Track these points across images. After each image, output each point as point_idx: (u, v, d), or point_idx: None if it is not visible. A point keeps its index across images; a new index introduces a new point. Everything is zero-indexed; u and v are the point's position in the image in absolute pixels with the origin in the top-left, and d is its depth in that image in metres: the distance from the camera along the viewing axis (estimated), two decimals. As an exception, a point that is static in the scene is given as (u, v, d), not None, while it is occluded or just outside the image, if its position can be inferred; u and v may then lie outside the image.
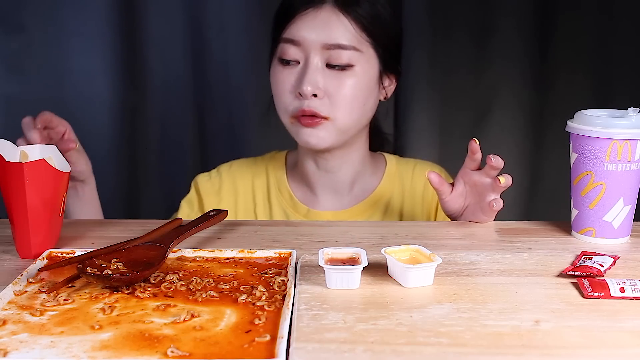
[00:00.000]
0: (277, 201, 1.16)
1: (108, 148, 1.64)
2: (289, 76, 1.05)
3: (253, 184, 1.18)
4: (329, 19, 1.03)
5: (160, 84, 1.62)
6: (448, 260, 0.80)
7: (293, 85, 1.04)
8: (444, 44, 1.64)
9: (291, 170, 1.19)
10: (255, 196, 1.17)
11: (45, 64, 1.59)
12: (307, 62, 1.03)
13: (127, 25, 1.59)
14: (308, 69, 1.03)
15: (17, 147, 0.86)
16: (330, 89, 1.03)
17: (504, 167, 0.97)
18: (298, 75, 1.04)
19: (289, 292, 0.69)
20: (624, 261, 0.81)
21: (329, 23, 1.03)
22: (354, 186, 1.16)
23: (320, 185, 1.15)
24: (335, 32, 1.03)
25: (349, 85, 1.04)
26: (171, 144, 1.67)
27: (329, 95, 1.03)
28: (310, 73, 1.03)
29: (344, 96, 1.04)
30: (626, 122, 0.85)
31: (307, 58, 1.03)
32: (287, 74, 1.05)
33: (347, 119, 1.06)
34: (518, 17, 1.63)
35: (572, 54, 1.63)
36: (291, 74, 1.05)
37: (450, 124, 1.69)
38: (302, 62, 1.04)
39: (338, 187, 1.15)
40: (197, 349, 0.58)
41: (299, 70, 1.04)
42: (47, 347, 0.59)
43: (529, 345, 0.59)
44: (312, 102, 1.03)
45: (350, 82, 1.04)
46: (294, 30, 1.03)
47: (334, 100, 1.04)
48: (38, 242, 0.83)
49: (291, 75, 1.05)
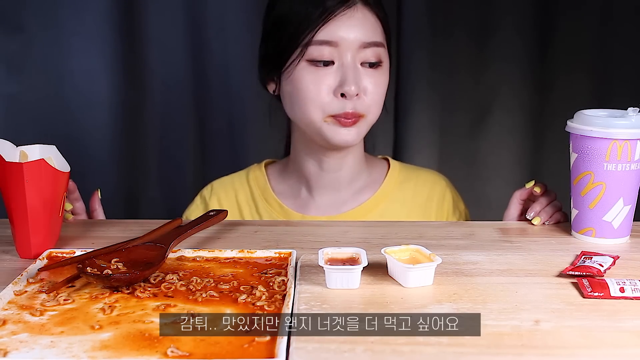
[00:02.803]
0: (266, 212, 1.15)
1: (108, 148, 1.64)
2: (325, 77, 1.03)
3: (237, 200, 1.17)
4: (364, 18, 1.03)
5: (160, 84, 1.62)
6: (448, 260, 0.80)
7: (332, 86, 1.03)
8: (444, 44, 1.64)
9: (277, 180, 1.18)
10: (242, 210, 1.17)
11: (45, 64, 1.59)
12: (344, 62, 1.02)
13: (127, 25, 1.59)
14: (349, 69, 1.02)
15: (17, 147, 0.86)
16: (368, 87, 1.04)
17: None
18: (338, 75, 1.02)
19: (289, 292, 0.69)
20: (624, 261, 0.81)
21: (364, 22, 1.03)
22: (352, 185, 1.15)
23: (320, 186, 1.14)
24: (370, 31, 1.04)
25: (382, 82, 1.06)
26: (171, 144, 1.67)
27: (366, 93, 1.04)
28: (353, 73, 1.02)
29: (378, 93, 1.05)
30: (626, 122, 0.85)
31: (344, 58, 1.02)
32: (322, 74, 1.03)
33: (377, 113, 1.08)
34: (518, 17, 1.63)
35: (572, 54, 1.63)
36: (327, 74, 1.03)
37: (450, 124, 1.69)
38: (338, 62, 1.03)
39: (338, 186, 1.14)
40: (197, 349, 0.58)
41: (335, 71, 1.03)
42: (47, 347, 0.59)
43: (529, 345, 0.59)
44: (354, 102, 1.03)
45: (382, 78, 1.06)
46: (331, 31, 1.01)
47: (370, 98, 1.04)
48: (38, 242, 0.83)
49: (328, 75, 1.03)
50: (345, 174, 1.14)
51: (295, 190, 1.16)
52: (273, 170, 1.20)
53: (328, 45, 1.02)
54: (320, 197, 1.15)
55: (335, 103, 1.03)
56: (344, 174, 1.14)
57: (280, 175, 1.18)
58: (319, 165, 1.13)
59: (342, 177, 1.14)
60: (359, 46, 1.03)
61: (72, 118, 1.62)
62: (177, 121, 1.65)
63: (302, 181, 1.15)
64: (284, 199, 1.16)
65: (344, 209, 1.14)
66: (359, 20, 1.03)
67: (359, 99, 1.03)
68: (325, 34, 1.02)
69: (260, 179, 1.18)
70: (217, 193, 1.19)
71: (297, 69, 1.04)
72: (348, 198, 1.15)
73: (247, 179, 1.19)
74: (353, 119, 1.04)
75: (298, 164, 1.15)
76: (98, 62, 1.60)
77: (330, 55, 1.02)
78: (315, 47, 1.02)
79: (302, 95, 1.04)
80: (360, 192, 1.16)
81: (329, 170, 1.13)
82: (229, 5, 1.60)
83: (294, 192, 1.16)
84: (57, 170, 0.83)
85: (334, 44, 1.02)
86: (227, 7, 1.60)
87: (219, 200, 1.18)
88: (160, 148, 1.66)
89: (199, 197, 1.21)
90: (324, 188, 1.14)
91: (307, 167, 1.14)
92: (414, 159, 1.65)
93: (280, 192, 1.16)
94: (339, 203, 1.15)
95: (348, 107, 1.02)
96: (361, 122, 1.05)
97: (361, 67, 1.04)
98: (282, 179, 1.18)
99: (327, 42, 1.02)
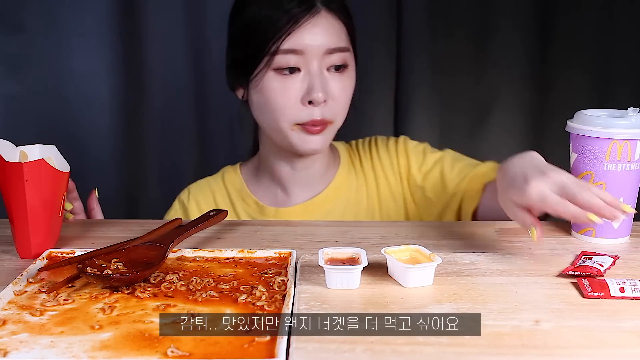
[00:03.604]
0: (244, 211, 1.16)
1: (108, 148, 1.64)
2: (292, 85, 1.03)
3: (215, 201, 1.18)
4: (328, 24, 1.03)
5: (160, 84, 1.62)
6: (448, 260, 0.80)
7: (299, 94, 1.03)
8: (444, 45, 1.64)
9: (251, 180, 1.19)
10: None
11: (46, 64, 1.59)
12: (311, 70, 1.02)
13: (127, 25, 1.59)
14: (316, 76, 1.02)
15: (17, 147, 0.86)
16: (334, 92, 1.04)
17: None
18: (306, 83, 1.02)
19: (289, 292, 0.69)
20: (624, 261, 0.81)
21: (329, 28, 1.03)
22: (324, 177, 1.16)
23: (293, 184, 1.15)
24: (335, 37, 1.04)
25: (348, 85, 1.06)
26: (171, 144, 1.67)
27: (333, 98, 1.04)
28: (320, 80, 1.02)
29: (345, 97, 1.06)
30: (626, 122, 0.85)
31: (310, 65, 1.02)
32: (289, 83, 1.03)
33: (343, 118, 1.08)
34: (518, 17, 1.63)
35: (572, 54, 1.63)
36: (294, 82, 1.03)
37: (451, 125, 1.69)
38: (305, 70, 1.03)
39: (311, 182, 1.15)
40: (197, 349, 0.58)
41: (302, 79, 1.03)
42: (47, 347, 0.59)
43: (529, 345, 0.59)
44: (321, 109, 1.03)
45: (349, 82, 1.06)
46: (297, 39, 1.01)
47: (336, 103, 1.04)
48: (38, 242, 0.83)
49: (295, 84, 1.03)
50: (317, 170, 1.15)
51: (270, 190, 1.17)
52: (247, 171, 1.20)
53: (294, 53, 1.02)
54: (296, 195, 1.15)
55: (303, 111, 1.03)
56: (316, 170, 1.15)
57: (254, 175, 1.19)
58: (290, 166, 1.14)
59: (315, 173, 1.15)
60: (324, 52, 1.02)
61: (72, 118, 1.62)
62: (177, 121, 1.65)
63: (275, 180, 1.16)
64: (260, 197, 1.17)
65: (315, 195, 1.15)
66: (323, 27, 1.03)
67: (326, 105, 1.03)
68: (291, 42, 1.01)
69: (236, 180, 1.19)
70: (195, 196, 1.19)
71: (265, 78, 1.04)
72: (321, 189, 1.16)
73: (222, 181, 1.20)
74: (321, 126, 1.04)
75: (269, 164, 1.15)
76: (98, 62, 1.60)
77: (296, 62, 1.02)
78: (281, 56, 1.02)
79: (270, 105, 1.04)
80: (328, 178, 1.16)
81: (301, 169, 1.14)
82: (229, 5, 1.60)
83: (270, 191, 1.17)
84: (57, 170, 0.83)
85: (300, 52, 1.02)
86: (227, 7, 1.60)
87: (197, 203, 1.19)
88: (160, 148, 1.66)
89: (177, 202, 1.21)
90: (298, 185, 1.15)
91: (278, 169, 1.14)
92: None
93: (256, 192, 1.17)
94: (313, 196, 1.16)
95: (316, 114, 1.03)
96: (328, 128, 1.06)
97: (327, 72, 1.04)
98: (257, 179, 1.19)
99: (293, 50, 1.02)
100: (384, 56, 1.65)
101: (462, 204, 1.09)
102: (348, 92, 1.06)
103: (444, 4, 1.62)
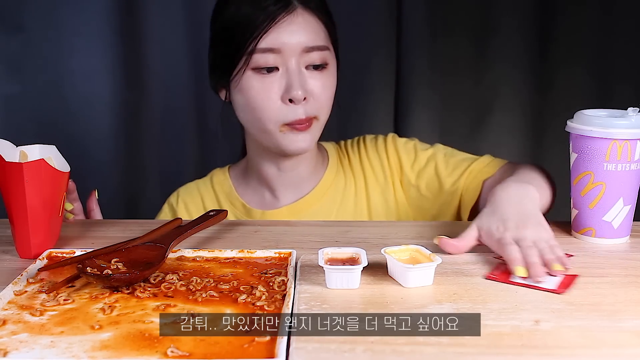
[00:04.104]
0: (232, 214, 1.16)
1: (108, 148, 1.64)
2: (271, 84, 1.02)
3: (204, 204, 1.19)
4: (305, 22, 1.03)
5: (160, 84, 1.62)
6: (448, 260, 0.80)
7: (279, 93, 1.03)
8: (444, 45, 1.64)
9: (240, 182, 1.19)
10: None
11: (45, 64, 1.59)
12: (288, 68, 1.02)
13: (127, 25, 1.59)
14: (294, 74, 1.02)
15: (17, 147, 0.86)
16: (314, 90, 1.04)
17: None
18: (284, 81, 1.02)
19: (289, 292, 0.69)
20: (624, 261, 0.81)
21: (305, 26, 1.03)
22: (311, 178, 1.16)
23: (281, 186, 1.15)
24: (312, 34, 1.03)
25: (328, 83, 1.06)
26: (171, 144, 1.67)
27: (314, 96, 1.04)
28: (297, 78, 1.02)
29: (326, 95, 1.05)
30: (626, 122, 0.85)
31: (288, 63, 1.02)
32: (268, 82, 1.02)
33: (327, 114, 1.08)
34: (518, 17, 1.63)
35: (572, 53, 1.63)
36: (273, 81, 1.02)
37: (451, 125, 1.69)
38: (283, 69, 1.02)
39: (298, 183, 1.15)
40: (197, 349, 0.58)
41: (280, 77, 1.03)
42: (47, 347, 0.59)
43: (529, 345, 0.59)
44: (304, 107, 1.03)
45: (329, 80, 1.06)
46: (273, 38, 1.01)
47: (318, 100, 1.04)
48: (38, 242, 0.83)
49: (274, 83, 1.02)
50: (304, 171, 1.14)
51: (258, 192, 1.17)
52: (235, 173, 1.20)
53: (271, 52, 1.02)
54: (283, 197, 1.15)
55: (286, 110, 1.03)
56: (303, 171, 1.14)
57: (242, 177, 1.19)
58: (276, 167, 1.13)
59: (301, 174, 1.15)
60: (301, 51, 1.02)
61: (72, 118, 1.62)
62: (177, 121, 1.65)
63: (263, 183, 1.16)
64: (249, 200, 1.16)
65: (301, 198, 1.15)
66: (299, 25, 1.03)
67: (307, 102, 1.03)
68: (267, 41, 1.01)
69: (225, 183, 1.19)
70: (184, 199, 1.20)
71: (244, 78, 1.04)
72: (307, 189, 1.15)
73: (211, 183, 1.20)
74: (307, 123, 1.04)
75: (256, 167, 1.15)
76: (98, 62, 1.60)
77: (274, 61, 1.02)
78: (259, 55, 1.02)
79: (252, 105, 1.04)
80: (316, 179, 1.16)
81: (287, 170, 1.13)
82: (229, 5, 1.60)
83: (258, 193, 1.17)
84: (57, 170, 0.83)
85: (277, 51, 1.02)
86: (227, 7, 1.60)
87: (186, 205, 1.19)
88: (160, 148, 1.66)
89: (166, 205, 1.22)
90: (285, 187, 1.15)
91: (265, 170, 1.14)
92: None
93: (244, 194, 1.17)
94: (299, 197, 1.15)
95: (299, 112, 1.03)
96: (314, 125, 1.06)
97: (306, 70, 1.04)
98: (245, 181, 1.18)
99: (270, 49, 1.01)
100: (384, 56, 1.66)
101: (461, 202, 1.09)
102: (329, 90, 1.06)
103: (444, 4, 1.63)
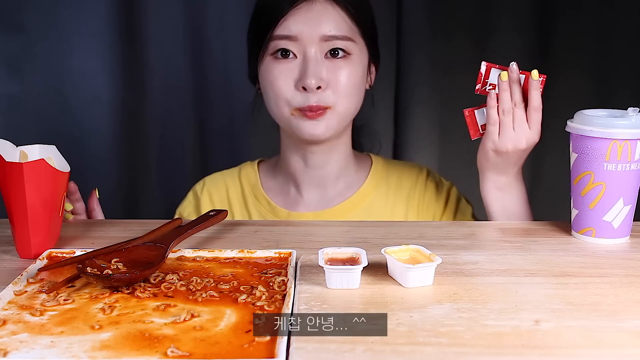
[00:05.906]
0: (255, 209, 1.16)
1: (108, 148, 1.64)
2: (288, 71, 1.05)
3: (228, 195, 1.19)
4: (324, 11, 1.04)
5: (160, 84, 1.62)
6: (448, 260, 0.80)
7: (294, 80, 1.04)
8: (444, 45, 1.64)
9: (267, 177, 1.19)
10: (232, 206, 1.18)
11: (45, 64, 1.58)
12: (306, 56, 1.04)
13: (127, 25, 1.59)
14: (309, 62, 1.03)
15: (17, 147, 0.86)
16: (331, 78, 1.04)
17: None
18: (299, 69, 1.04)
19: (289, 292, 0.69)
20: (624, 261, 0.81)
21: (324, 15, 1.04)
22: (339, 181, 1.16)
23: (306, 183, 1.15)
24: (330, 24, 1.04)
25: (348, 73, 1.06)
26: (171, 144, 1.66)
27: (330, 84, 1.05)
28: (312, 66, 1.03)
29: (344, 84, 1.06)
30: (626, 122, 0.85)
31: (306, 51, 1.04)
32: (285, 68, 1.05)
33: (347, 106, 1.07)
34: (518, 17, 1.62)
35: (572, 53, 1.63)
36: (290, 68, 1.05)
37: (450, 125, 1.68)
38: (301, 56, 1.05)
39: (324, 183, 1.15)
40: (197, 349, 0.58)
41: (298, 64, 1.05)
42: (47, 347, 0.59)
43: (529, 345, 0.59)
44: (317, 95, 1.04)
45: (349, 69, 1.06)
46: (289, 25, 1.04)
47: (335, 89, 1.05)
48: (38, 242, 0.83)
49: (290, 70, 1.05)
50: (331, 171, 1.15)
51: (284, 188, 1.17)
52: (265, 168, 1.21)
53: (288, 39, 1.04)
54: (308, 195, 1.16)
55: (299, 96, 1.04)
56: (330, 170, 1.15)
57: (271, 173, 1.20)
58: (304, 162, 1.14)
59: (328, 174, 1.15)
60: (319, 39, 1.04)
61: (72, 118, 1.62)
62: (177, 121, 1.65)
63: (290, 179, 1.16)
64: (273, 196, 1.17)
65: (330, 205, 1.15)
66: (317, 13, 1.04)
67: (323, 91, 1.04)
68: (284, 28, 1.04)
69: (252, 176, 1.19)
70: (208, 188, 1.20)
71: (264, 64, 1.07)
72: (335, 195, 1.16)
73: (238, 175, 1.20)
74: (318, 111, 1.05)
75: (285, 161, 1.16)
76: (98, 62, 1.60)
77: (292, 48, 1.04)
78: (276, 42, 1.05)
79: (269, 90, 1.07)
80: (346, 188, 1.16)
81: (314, 167, 1.14)
82: (229, 5, 1.60)
83: (283, 189, 1.17)
84: (57, 170, 0.83)
85: (294, 38, 1.04)
86: (227, 7, 1.60)
87: (210, 195, 1.19)
88: (160, 148, 1.66)
89: (191, 193, 1.23)
90: (311, 185, 1.15)
91: (293, 165, 1.15)
92: (414, 159, 1.65)
93: (270, 189, 1.18)
94: (326, 200, 1.16)
95: (312, 100, 1.04)
96: (329, 114, 1.06)
97: (326, 59, 1.05)
98: (272, 176, 1.19)
99: (286, 36, 1.04)
100: (384, 56, 1.65)
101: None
102: (349, 79, 1.06)
103: (444, 4, 1.62)
